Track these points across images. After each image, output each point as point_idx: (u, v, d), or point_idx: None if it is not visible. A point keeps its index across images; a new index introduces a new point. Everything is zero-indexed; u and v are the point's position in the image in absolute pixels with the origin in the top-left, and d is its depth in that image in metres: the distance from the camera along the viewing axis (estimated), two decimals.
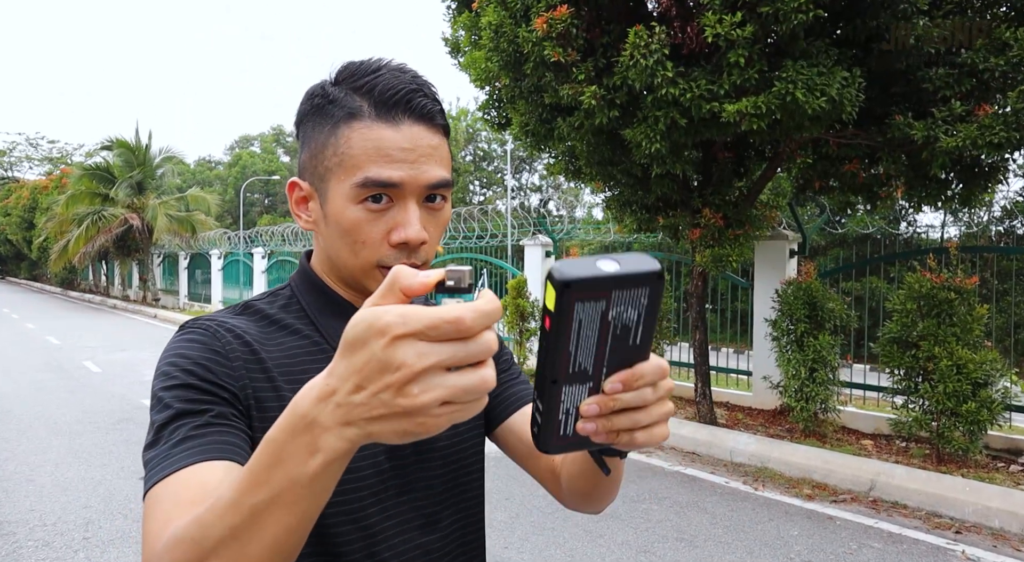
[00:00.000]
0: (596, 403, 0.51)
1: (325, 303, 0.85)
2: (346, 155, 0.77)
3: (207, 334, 0.77)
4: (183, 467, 0.63)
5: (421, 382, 0.42)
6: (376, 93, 0.77)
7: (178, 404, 0.69)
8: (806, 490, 4.99)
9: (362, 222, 0.77)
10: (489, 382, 0.43)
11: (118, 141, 23.10)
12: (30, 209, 32.28)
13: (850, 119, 4.73)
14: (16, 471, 5.32)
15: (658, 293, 0.48)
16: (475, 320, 0.42)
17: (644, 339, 0.50)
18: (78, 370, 10.24)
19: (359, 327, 0.43)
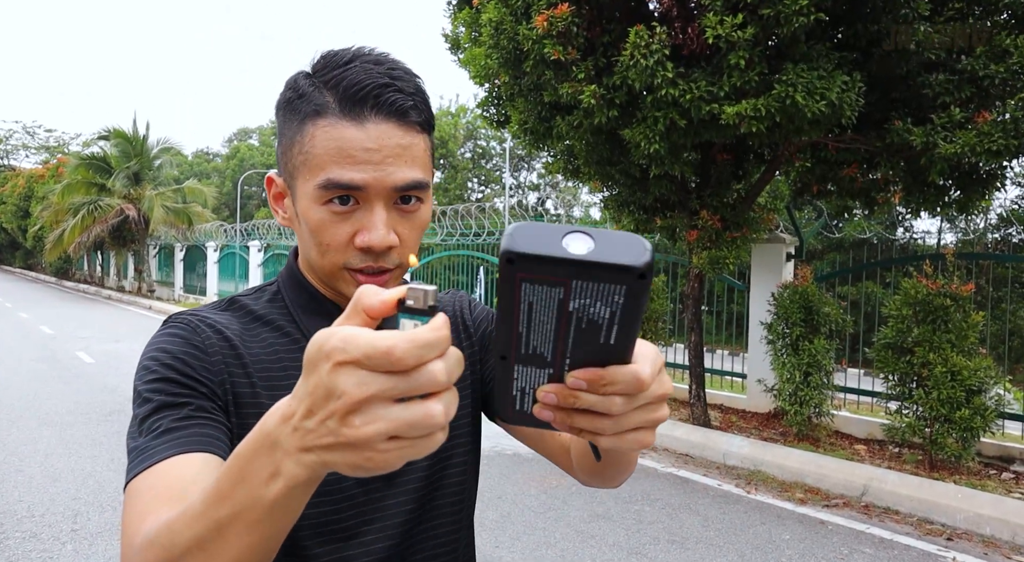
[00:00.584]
0: (554, 393, 0.46)
1: (307, 300, 0.83)
2: (310, 154, 0.74)
3: (188, 329, 0.76)
4: (162, 459, 0.63)
5: (363, 413, 0.39)
6: (342, 88, 0.73)
7: (158, 397, 0.69)
8: (798, 494, 4.99)
9: (327, 224, 0.74)
10: (435, 417, 0.40)
11: (115, 131, 23.01)
12: (26, 198, 32.14)
13: (849, 123, 4.72)
14: (5, 461, 5.29)
15: (638, 293, 0.40)
16: (407, 352, 0.38)
17: (621, 340, 0.43)
18: (71, 360, 10.20)
19: (311, 348, 0.41)
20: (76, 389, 8.12)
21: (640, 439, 0.48)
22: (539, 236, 0.39)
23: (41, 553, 3.74)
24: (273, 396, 0.76)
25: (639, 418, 0.48)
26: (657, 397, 0.48)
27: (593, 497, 4.82)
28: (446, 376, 0.40)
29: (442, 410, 0.40)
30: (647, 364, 0.46)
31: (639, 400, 0.47)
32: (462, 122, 27.97)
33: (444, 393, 0.41)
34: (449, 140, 27.29)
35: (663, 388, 0.48)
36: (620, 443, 0.48)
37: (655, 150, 4.99)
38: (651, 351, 0.48)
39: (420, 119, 0.76)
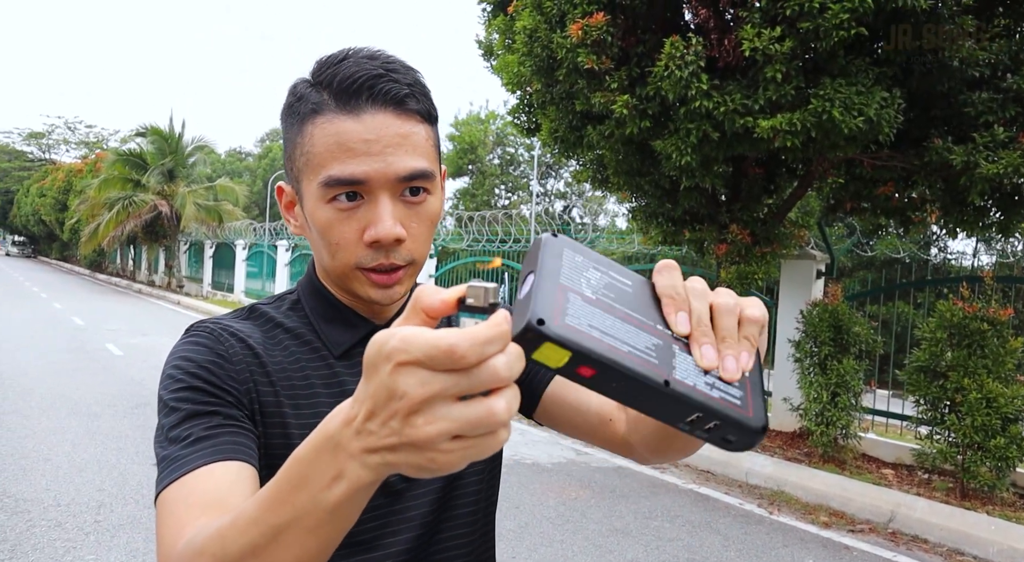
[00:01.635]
0: (706, 346, 0.48)
1: (326, 308, 0.82)
2: (311, 153, 0.73)
3: (211, 338, 0.75)
4: (195, 468, 0.62)
5: (426, 412, 0.39)
6: (336, 83, 0.71)
7: (186, 405, 0.68)
8: (823, 517, 4.88)
9: (333, 222, 0.73)
10: (497, 413, 0.39)
11: (152, 129, 23.49)
12: (64, 191, 32.95)
13: (887, 140, 4.63)
14: (34, 449, 5.39)
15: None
16: (469, 349, 0.38)
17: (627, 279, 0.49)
18: (100, 352, 10.39)
19: (371, 350, 0.41)
20: (104, 381, 8.27)
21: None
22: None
23: (65, 542, 3.80)
24: (295, 405, 0.75)
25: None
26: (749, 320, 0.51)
27: (612, 511, 4.76)
28: (508, 371, 0.39)
29: (505, 406, 0.40)
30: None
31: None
32: (491, 128, 28.06)
33: (506, 389, 0.40)
34: (478, 146, 27.40)
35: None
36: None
37: (686, 162, 4.94)
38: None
39: (419, 108, 0.74)
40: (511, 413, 0.40)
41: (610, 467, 5.87)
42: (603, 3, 4.90)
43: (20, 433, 5.80)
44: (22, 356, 9.53)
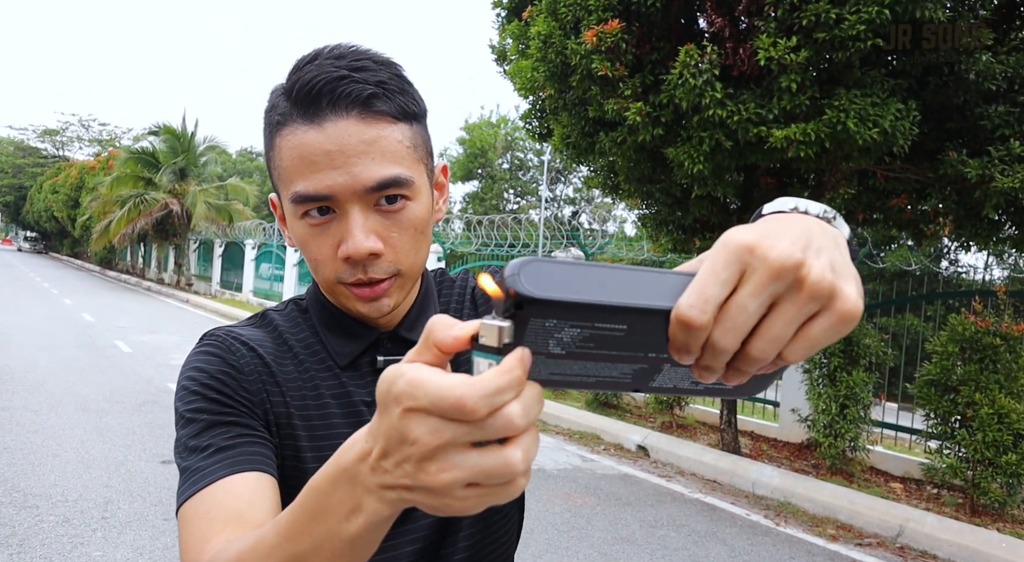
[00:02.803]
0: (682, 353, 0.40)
1: (328, 318, 0.80)
2: (280, 168, 0.70)
3: (223, 348, 0.74)
4: (215, 480, 0.62)
5: (438, 460, 0.38)
6: (295, 90, 0.67)
7: (203, 416, 0.68)
8: (830, 530, 4.84)
9: (308, 238, 0.70)
10: (513, 464, 0.37)
11: (165, 128, 23.64)
12: (77, 188, 33.17)
13: (901, 152, 4.61)
14: (43, 445, 5.42)
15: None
16: (479, 401, 0.36)
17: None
18: (109, 349, 10.44)
19: (381, 387, 0.40)
20: (112, 377, 8.31)
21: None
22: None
23: (72, 538, 3.81)
24: (306, 416, 0.74)
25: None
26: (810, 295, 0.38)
27: (617, 519, 4.74)
28: (523, 419, 0.37)
29: (521, 456, 0.38)
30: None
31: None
32: (501, 133, 28.11)
33: (523, 436, 0.38)
34: (488, 150, 27.44)
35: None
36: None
37: (698, 170, 4.93)
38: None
39: (389, 107, 0.69)
40: (529, 461, 0.39)
41: (615, 474, 5.85)
42: (618, 10, 4.90)
43: (29, 428, 5.83)
44: (32, 352, 9.59)
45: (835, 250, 0.40)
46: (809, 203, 0.46)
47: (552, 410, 7.70)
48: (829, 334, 0.38)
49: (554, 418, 7.57)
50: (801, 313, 0.38)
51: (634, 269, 0.39)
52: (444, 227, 16.19)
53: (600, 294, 0.37)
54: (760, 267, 0.37)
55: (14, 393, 7.07)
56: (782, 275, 0.37)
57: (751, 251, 0.38)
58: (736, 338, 0.38)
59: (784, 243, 0.38)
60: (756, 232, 0.39)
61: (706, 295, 0.37)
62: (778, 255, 0.37)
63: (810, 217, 0.44)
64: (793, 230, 0.40)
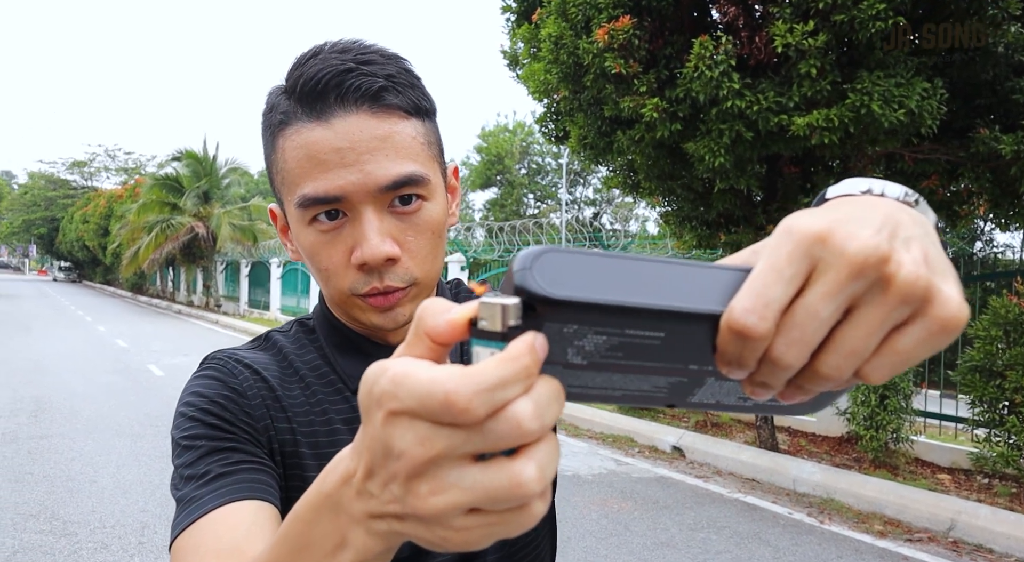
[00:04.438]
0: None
1: (339, 338, 0.73)
2: (285, 171, 0.64)
3: (223, 371, 0.69)
4: (210, 510, 0.57)
5: (429, 478, 0.30)
6: (299, 86, 0.62)
7: (201, 442, 0.63)
8: (877, 526, 4.69)
9: (318, 246, 0.64)
10: (525, 483, 0.29)
11: (187, 153, 24.07)
12: (106, 217, 33.90)
13: (929, 133, 4.47)
14: (81, 472, 5.48)
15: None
16: (472, 398, 0.28)
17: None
18: (143, 373, 10.59)
19: (362, 390, 0.32)
20: (146, 401, 8.41)
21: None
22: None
23: None
24: (314, 443, 0.68)
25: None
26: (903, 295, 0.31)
27: (656, 523, 4.64)
28: (536, 422, 0.29)
29: (535, 473, 0.29)
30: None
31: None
32: (517, 139, 28.12)
33: (537, 446, 0.30)
34: (506, 156, 27.46)
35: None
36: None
37: (720, 164, 4.84)
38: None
39: (400, 101, 0.63)
40: (546, 480, 0.30)
41: (652, 477, 5.75)
42: (629, 6, 4.84)
43: (68, 455, 5.91)
44: (69, 379, 9.76)
45: (927, 240, 0.33)
46: (886, 184, 0.38)
47: (582, 414, 7.62)
48: (924, 347, 0.31)
49: (586, 422, 7.48)
50: (888, 320, 0.30)
51: (674, 262, 0.32)
52: (466, 235, 16.19)
53: (632, 294, 0.30)
54: (835, 262, 0.30)
55: (52, 421, 7.18)
56: (864, 272, 0.30)
57: (823, 241, 0.30)
58: (804, 352, 0.31)
59: (865, 231, 0.30)
60: (828, 218, 0.31)
61: (767, 297, 0.30)
62: (859, 246, 0.30)
63: (889, 200, 0.36)
64: (874, 215, 0.32)
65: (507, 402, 0.29)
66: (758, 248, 0.34)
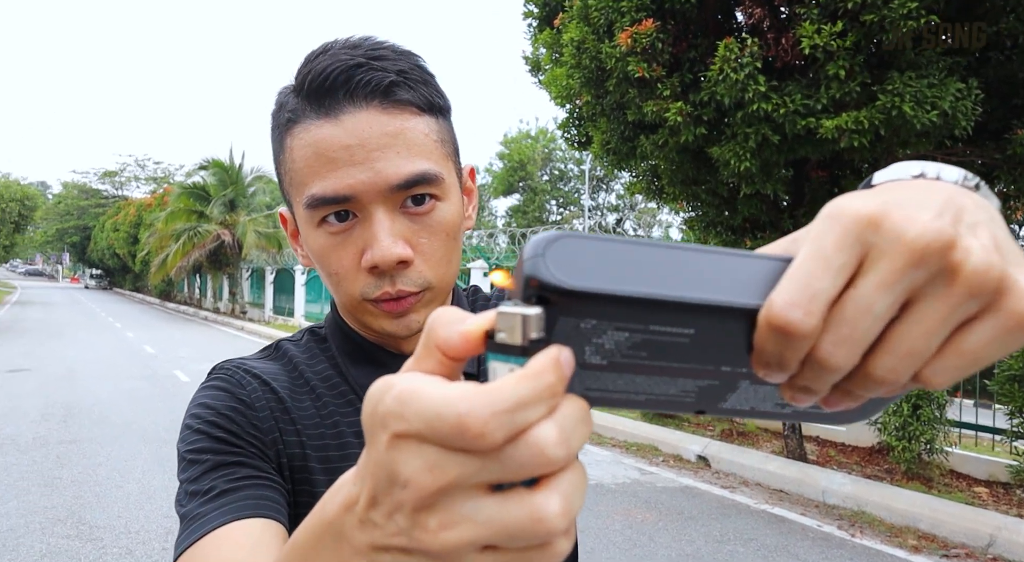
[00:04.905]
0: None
1: (351, 347, 0.70)
2: (293, 171, 0.62)
3: (231, 381, 0.66)
4: (214, 528, 0.54)
5: (439, 510, 0.27)
6: (307, 83, 0.60)
7: (207, 456, 0.60)
8: (911, 540, 4.55)
9: (327, 249, 0.62)
10: (547, 518, 0.26)
11: (214, 162, 24.47)
12: (135, 225, 34.54)
13: (964, 134, 4.35)
14: (107, 477, 5.53)
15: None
16: (488, 421, 0.25)
17: None
18: (169, 379, 10.72)
19: (366, 409, 0.29)
20: (172, 407, 8.50)
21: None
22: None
23: None
24: (323, 458, 0.65)
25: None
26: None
27: (681, 534, 4.55)
28: (562, 448, 0.26)
29: (559, 507, 0.26)
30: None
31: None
32: (539, 145, 28.13)
33: (561, 476, 0.27)
34: (528, 163, 27.48)
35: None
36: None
37: (745, 168, 4.76)
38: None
39: (412, 97, 0.61)
40: (571, 514, 0.27)
41: (676, 487, 5.65)
42: (652, 9, 4.79)
43: (95, 461, 5.98)
44: (98, 385, 9.91)
45: (995, 226, 0.28)
46: (941, 167, 0.34)
47: (605, 422, 7.53)
48: (995, 347, 0.26)
49: (608, 430, 7.40)
50: (953, 316, 0.26)
51: (705, 249, 0.28)
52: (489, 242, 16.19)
53: (658, 284, 0.27)
54: (891, 248, 0.26)
55: (81, 426, 7.29)
56: (925, 259, 0.26)
57: (876, 225, 0.26)
58: (854, 352, 0.27)
59: (925, 214, 0.26)
60: (880, 199, 0.27)
61: (812, 289, 0.26)
62: (919, 230, 0.26)
63: (946, 184, 0.32)
64: (933, 197, 0.28)
65: (528, 425, 0.26)
66: (798, 236, 0.30)
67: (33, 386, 9.60)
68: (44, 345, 14.81)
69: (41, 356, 12.93)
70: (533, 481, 0.27)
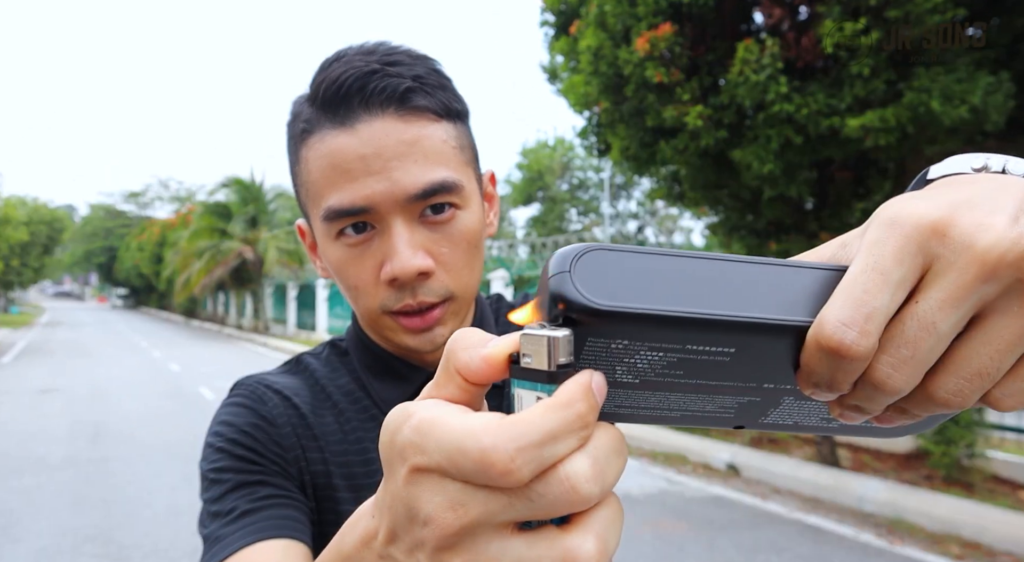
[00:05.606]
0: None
1: (372, 360, 0.67)
2: (309, 182, 0.60)
3: (253, 398, 0.64)
4: (236, 550, 0.53)
5: (463, 551, 0.25)
6: (321, 91, 0.58)
7: (227, 476, 0.59)
8: (954, 548, 4.40)
9: (346, 262, 0.60)
10: (579, 560, 0.24)
11: (235, 180, 24.81)
12: (160, 244, 35.12)
13: (995, 129, 4.24)
14: (136, 495, 5.56)
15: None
16: (513, 458, 0.23)
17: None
18: (194, 396, 10.82)
19: (384, 437, 0.27)
20: (198, 424, 8.55)
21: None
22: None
23: None
24: (347, 474, 0.63)
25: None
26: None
27: (712, 545, 4.45)
28: (596, 485, 0.24)
29: (594, 547, 0.24)
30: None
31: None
32: (557, 154, 28.15)
33: (595, 513, 0.25)
34: (546, 172, 27.50)
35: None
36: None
37: (768, 170, 4.69)
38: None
39: (429, 102, 0.59)
40: (608, 554, 0.25)
41: (706, 496, 5.54)
42: (668, 13, 4.75)
43: (123, 479, 6.02)
44: (125, 404, 10.03)
45: None
46: (1007, 159, 0.31)
47: (631, 431, 7.44)
48: None
49: (635, 440, 7.30)
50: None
51: (744, 260, 0.26)
52: (509, 252, 16.18)
53: (695, 301, 0.24)
54: (960, 259, 0.23)
55: (109, 444, 7.36)
56: (998, 272, 0.23)
57: (942, 234, 0.23)
58: (916, 374, 0.24)
59: (999, 219, 0.23)
60: (944, 202, 0.24)
61: (869, 306, 0.23)
62: (992, 239, 0.23)
63: (1017, 179, 0.28)
64: (1006, 197, 0.25)
65: (558, 460, 0.24)
66: (847, 240, 0.28)
67: (62, 405, 9.73)
68: (72, 365, 15.04)
69: (70, 376, 13.13)
70: (565, 518, 0.25)
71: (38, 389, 11.35)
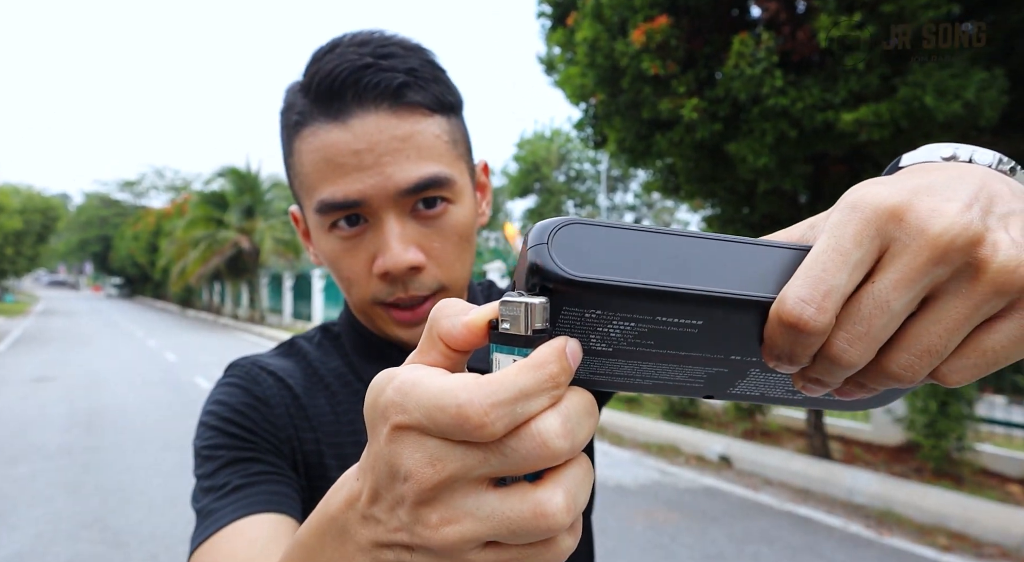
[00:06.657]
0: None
1: (363, 344, 0.69)
2: (301, 175, 0.61)
3: (247, 378, 0.66)
4: (227, 523, 0.55)
5: (440, 505, 0.26)
6: (315, 84, 0.58)
7: (222, 452, 0.60)
8: (941, 539, 4.46)
9: (339, 254, 0.61)
10: (550, 514, 0.25)
11: (231, 170, 24.72)
12: (155, 234, 35.00)
13: (989, 125, 4.26)
14: (131, 483, 5.59)
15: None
16: (488, 411, 0.25)
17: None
18: (189, 386, 10.83)
19: (368, 400, 0.29)
20: (193, 413, 8.56)
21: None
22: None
23: None
24: (339, 455, 0.64)
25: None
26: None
27: (704, 535, 4.50)
28: (566, 441, 0.25)
29: (563, 501, 0.26)
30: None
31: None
32: (554, 146, 28.10)
33: (565, 470, 0.26)
34: (543, 164, 27.46)
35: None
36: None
37: (763, 164, 4.70)
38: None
39: (423, 98, 0.59)
40: (576, 509, 0.26)
41: (698, 487, 5.59)
42: (665, 6, 4.75)
43: (119, 468, 6.04)
44: (121, 393, 10.03)
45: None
46: (974, 149, 0.32)
47: (624, 422, 7.48)
48: (1020, 347, 0.26)
49: (628, 431, 7.35)
50: (976, 314, 0.25)
51: (715, 237, 0.27)
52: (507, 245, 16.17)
53: (666, 275, 0.26)
54: (913, 243, 0.25)
55: (105, 433, 7.37)
56: (949, 255, 0.25)
57: (899, 218, 0.25)
58: (869, 349, 0.26)
59: (953, 205, 0.25)
60: (905, 188, 0.26)
61: (827, 284, 0.25)
62: (945, 224, 0.25)
63: (979, 167, 0.30)
64: (963, 185, 0.27)
65: (530, 417, 0.25)
66: (816, 222, 0.30)
67: (58, 394, 9.73)
68: (68, 354, 15.03)
69: (65, 364, 13.12)
70: (537, 475, 0.26)
71: (33, 378, 11.35)
